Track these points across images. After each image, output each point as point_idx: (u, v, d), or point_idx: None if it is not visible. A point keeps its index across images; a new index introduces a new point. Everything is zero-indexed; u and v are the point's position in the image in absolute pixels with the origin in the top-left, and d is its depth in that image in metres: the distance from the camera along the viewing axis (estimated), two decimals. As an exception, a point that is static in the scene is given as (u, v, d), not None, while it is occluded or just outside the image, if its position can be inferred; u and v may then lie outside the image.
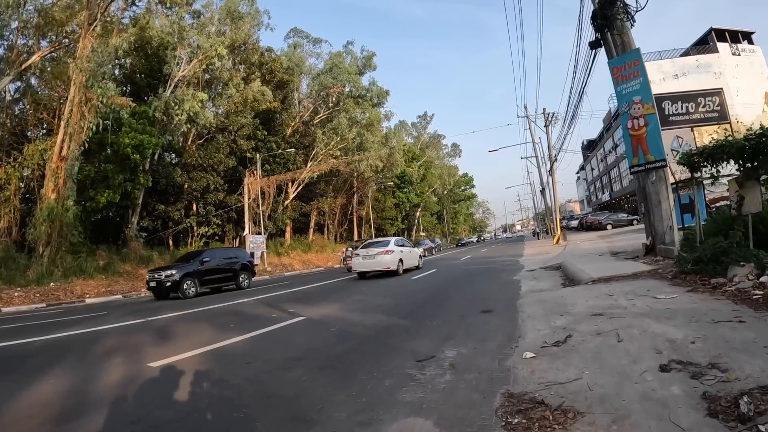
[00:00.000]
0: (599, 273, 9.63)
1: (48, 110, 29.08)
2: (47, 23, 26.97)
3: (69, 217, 23.68)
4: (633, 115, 11.74)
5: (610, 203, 69.62)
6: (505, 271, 15.20)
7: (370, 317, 8.47)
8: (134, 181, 28.66)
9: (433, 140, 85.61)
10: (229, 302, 13.71)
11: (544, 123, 36.91)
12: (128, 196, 29.19)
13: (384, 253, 18.75)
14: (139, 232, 31.62)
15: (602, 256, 14.40)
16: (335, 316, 9.02)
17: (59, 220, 23.20)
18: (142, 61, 35.08)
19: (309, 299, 12.89)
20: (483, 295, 9.70)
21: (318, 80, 47.77)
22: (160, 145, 31.75)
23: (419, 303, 9.63)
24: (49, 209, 22.77)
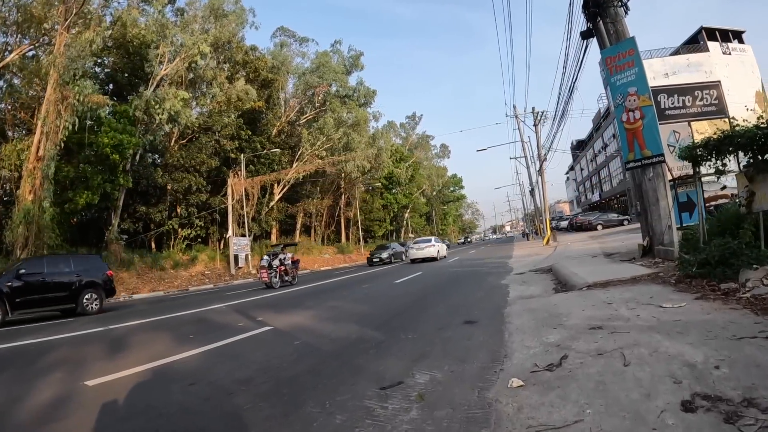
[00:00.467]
0: (594, 277, 8.80)
1: (27, 109, 28.23)
2: (26, 20, 26.15)
3: (46, 219, 22.85)
4: (628, 108, 10.96)
5: (600, 203, 69.36)
6: (493, 275, 14.33)
7: (341, 328, 7.66)
8: (114, 181, 27.98)
9: (421, 141, 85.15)
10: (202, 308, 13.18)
11: (534, 122, 36.31)
12: (108, 197, 28.43)
13: (429, 246, 30.11)
14: (119, 235, 30.83)
15: (595, 258, 13.57)
16: (304, 325, 8.26)
17: (36, 222, 22.39)
18: (124, 59, 34.31)
19: (282, 306, 12.12)
20: (467, 302, 8.83)
21: (303, 79, 46.92)
22: (141, 146, 31.43)
23: (397, 311, 8.78)
24: (25, 211, 22.03)
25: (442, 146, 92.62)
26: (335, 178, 52.11)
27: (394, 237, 76.55)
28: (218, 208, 37.52)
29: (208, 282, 31.61)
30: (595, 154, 70.75)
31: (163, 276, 30.94)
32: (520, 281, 11.48)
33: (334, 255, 51.34)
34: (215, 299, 15.98)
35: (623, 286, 7.62)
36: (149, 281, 29.04)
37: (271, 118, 43.58)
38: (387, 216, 68.63)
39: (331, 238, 57.95)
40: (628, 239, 19.40)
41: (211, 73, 36.34)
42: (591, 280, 8.39)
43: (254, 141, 40.90)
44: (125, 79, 34.49)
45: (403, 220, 77.40)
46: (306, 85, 47.23)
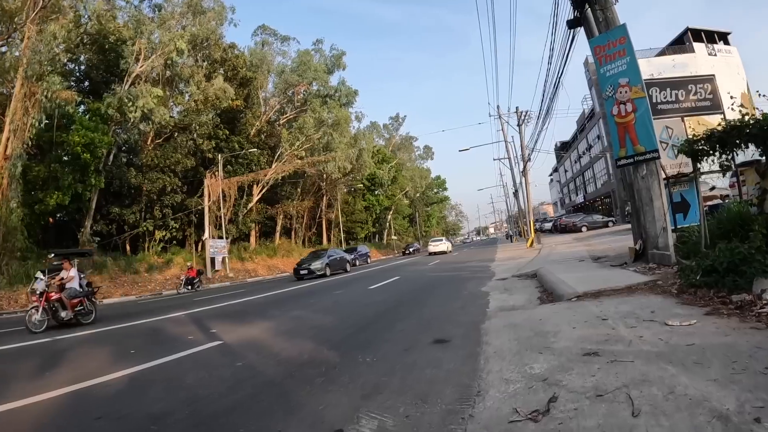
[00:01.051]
0: (585, 285, 7.84)
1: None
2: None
3: (14, 221, 22.32)
4: (619, 100, 10.06)
5: (584, 205, 69.01)
6: (474, 280, 13.36)
7: (296, 345, 6.72)
8: (85, 182, 26.98)
9: (405, 142, 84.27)
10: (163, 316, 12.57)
11: (517, 122, 35.53)
12: (79, 198, 27.43)
13: (441, 243, 43.05)
14: (92, 237, 29.83)
15: (583, 262, 12.66)
16: (257, 341, 7.36)
17: (4, 224, 21.89)
18: (99, 56, 33.18)
19: (243, 315, 11.23)
20: (442, 315, 7.87)
21: (283, 77, 45.88)
22: (115, 145, 30.67)
23: (363, 324, 7.79)
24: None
25: (426, 147, 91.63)
26: (316, 180, 51.13)
27: (376, 239, 75.89)
28: (194, 210, 36.36)
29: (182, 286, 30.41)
30: (580, 155, 70.35)
31: (136, 280, 29.88)
32: (502, 288, 10.53)
33: (315, 258, 50.21)
34: (182, 305, 15.32)
35: (618, 297, 6.68)
36: (122, 285, 28.05)
37: (249, 117, 42.42)
38: (369, 218, 67.78)
39: (312, 240, 56.96)
40: (615, 242, 18.62)
41: (189, 71, 35.35)
42: (581, 290, 7.44)
43: (232, 141, 39.86)
44: (100, 77, 33.39)
45: (385, 222, 76.56)
46: (286, 84, 46.25)
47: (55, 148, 26.02)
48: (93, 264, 27.65)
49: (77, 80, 34.26)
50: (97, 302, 14.28)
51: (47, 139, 25.51)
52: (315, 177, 49.90)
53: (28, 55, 23.27)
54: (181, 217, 36.30)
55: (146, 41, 31.12)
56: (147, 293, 27.12)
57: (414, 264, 28.27)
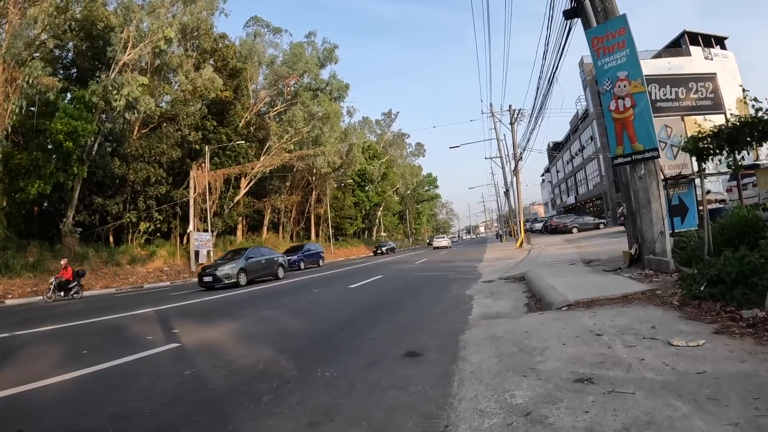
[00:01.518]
0: (576, 293, 7.19)
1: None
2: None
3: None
4: (617, 94, 9.45)
5: (576, 206, 68.70)
6: (459, 282, 12.71)
7: (254, 352, 6.10)
8: (67, 171, 26.12)
9: (397, 138, 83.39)
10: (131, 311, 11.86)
11: (510, 120, 34.89)
12: (61, 187, 26.63)
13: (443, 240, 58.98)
14: (74, 228, 29.00)
15: (574, 266, 12.03)
16: (216, 344, 6.80)
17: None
18: (87, 43, 32.33)
19: (209, 314, 10.59)
20: (419, 321, 7.22)
21: (273, 68, 45.04)
22: (100, 134, 29.96)
23: (333, 329, 7.15)
24: (-33, 200, 20.37)
25: (418, 144, 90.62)
26: (305, 174, 50.37)
27: (366, 235, 75.21)
28: (180, 202, 35.56)
29: (165, 279, 29.98)
30: (572, 156, 69.96)
31: (118, 272, 29.23)
32: (487, 292, 9.88)
33: (302, 253, 49.67)
34: (155, 300, 14.87)
35: (613, 308, 6.03)
36: (103, 277, 27.39)
37: (239, 109, 41.55)
38: (359, 214, 67.02)
39: (300, 235, 56.19)
40: (607, 244, 18.08)
41: (177, 60, 34.60)
42: (572, 298, 6.78)
43: (220, 132, 38.97)
44: (87, 64, 32.63)
45: (375, 219, 75.90)
46: (276, 75, 45.38)
47: (38, 135, 25.37)
48: (74, 255, 26.99)
49: (64, 67, 33.48)
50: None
51: (30, 126, 24.88)
52: (304, 171, 49.04)
53: (8, 39, 22.69)
54: (166, 209, 35.52)
55: (135, 29, 30.31)
56: (128, 285, 26.41)
57: (399, 262, 27.53)
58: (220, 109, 40.72)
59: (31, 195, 24.51)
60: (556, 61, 14.89)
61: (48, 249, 26.68)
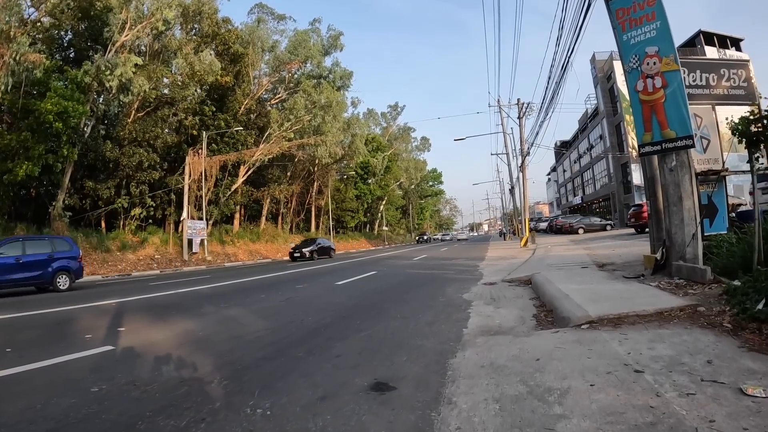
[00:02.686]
0: (598, 305, 5.81)
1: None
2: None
3: None
4: (645, 73, 8.12)
5: (581, 207, 67.44)
6: (456, 283, 11.34)
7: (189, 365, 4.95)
8: (57, 153, 25.14)
9: (402, 132, 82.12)
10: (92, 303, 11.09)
11: (518, 114, 33.56)
12: (50, 169, 25.58)
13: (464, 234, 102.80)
14: (64, 211, 27.93)
15: (587, 269, 10.66)
16: (153, 351, 5.69)
17: None
18: (84, 23, 31.55)
19: (172, 309, 9.44)
20: (402, 333, 5.85)
21: (274, 54, 43.75)
22: (93, 116, 29.25)
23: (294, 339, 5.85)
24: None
25: (423, 139, 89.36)
26: (306, 165, 49.22)
27: (367, 229, 74.17)
28: (174, 188, 34.56)
29: (155, 267, 29.24)
30: (580, 155, 68.65)
31: (107, 258, 28.44)
32: (488, 297, 8.50)
33: (301, 244, 48.69)
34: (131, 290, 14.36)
35: (648, 328, 4.71)
36: (91, 263, 26.50)
37: (239, 95, 40.49)
38: (360, 207, 65.80)
39: (300, 227, 55.14)
40: (619, 246, 16.84)
41: (176, 43, 33.91)
42: (594, 312, 5.41)
43: (219, 118, 37.93)
44: (85, 45, 31.64)
45: (377, 212, 74.63)
46: (278, 61, 44.15)
47: (27, 115, 24.43)
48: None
49: (61, 48, 32.63)
50: None
51: (21, 106, 24.02)
52: (305, 162, 48.12)
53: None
54: (161, 195, 34.61)
55: (134, 10, 29.42)
56: (115, 273, 25.65)
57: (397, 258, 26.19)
58: (220, 95, 39.96)
59: (19, 176, 23.52)
60: (572, 44, 13.54)
61: (36, 233, 25.74)
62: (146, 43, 33.15)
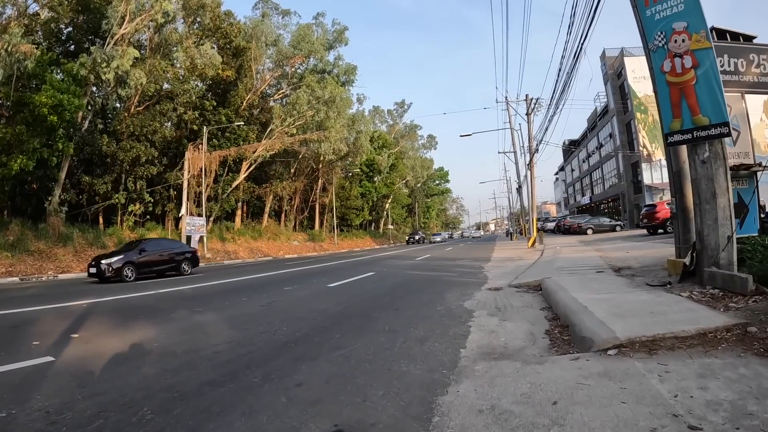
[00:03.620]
0: (625, 322, 4.71)
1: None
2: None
3: None
4: (673, 52, 7.12)
5: (590, 207, 66.33)
6: (458, 287, 10.29)
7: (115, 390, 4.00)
8: (52, 147, 24.68)
9: (408, 130, 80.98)
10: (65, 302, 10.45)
11: (526, 110, 32.47)
12: (45, 163, 24.98)
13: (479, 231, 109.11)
14: (60, 207, 27.33)
15: (602, 274, 9.59)
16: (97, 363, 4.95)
17: None
18: (83, 16, 30.83)
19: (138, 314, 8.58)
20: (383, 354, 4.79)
21: (277, 48, 42.83)
22: (91, 110, 28.84)
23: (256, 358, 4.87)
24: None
25: (429, 137, 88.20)
26: (310, 162, 48.43)
27: (372, 227, 73.34)
28: (173, 184, 33.98)
29: None
30: (589, 154, 67.46)
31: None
32: (492, 306, 7.45)
33: (304, 242, 48.26)
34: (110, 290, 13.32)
35: (692, 356, 3.69)
36: (86, 260, 25.66)
37: (241, 90, 39.67)
38: (365, 205, 64.88)
39: (304, 225, 54.38)
40: (632, 248, 15.86)
41: (177, 36, 33.10)
42: (622, 332, 4.35)
43: (220, 113, 37.38)
44: (84, 39, 31.14)
45: (383, 211, 73.61)
46: (281, 56, 43.20)
47: (21, 108, 23.91)
48: (58, 236, 26.00)
49: (59, 41, 31.84)
50: None
51: (16, 99, 23.67)
52: (309, 159, 47.24)
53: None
54: (160, 191, 34.10)
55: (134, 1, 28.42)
56: None
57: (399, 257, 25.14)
58: (223, 89, 39.42)
59: (13, 170, 23.00)
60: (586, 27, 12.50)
61: (31, 228, 25.44)
62: (147, 36, 32.87)
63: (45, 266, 22.86)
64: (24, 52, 22.89)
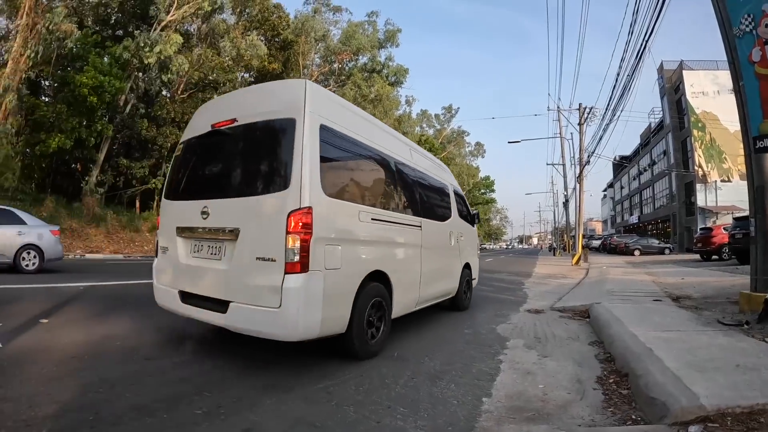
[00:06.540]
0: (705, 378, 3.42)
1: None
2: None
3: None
4: (764, 38, 5.86)
5: (638, 227, 64.18)
6: (493, 304, 9.17)
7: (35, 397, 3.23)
8: (91, 127, 25.06)
9: (456, 135, 79.68)
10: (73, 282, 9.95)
11: (579, 120, 31.02)
12: (83, 144, 25.39)
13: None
14: (96, 188, 27.47)
15: (660, 304, 8.16)
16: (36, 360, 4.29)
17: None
18: (131, 2, 31.01)
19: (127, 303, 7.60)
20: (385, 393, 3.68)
21: (325, 43, 42.13)
22: (134, 94, 29.06)
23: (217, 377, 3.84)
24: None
25: (477, 144, 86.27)
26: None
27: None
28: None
29: None
30: (640, 171, 65.10)
31: (134, 238, 27.88)
32: (531, 334, 6.19)
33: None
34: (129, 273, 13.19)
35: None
36: (117, 241, 26.13)
37: (287, 83, 39.15)
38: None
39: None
40: (688, 275, 14.45)
41: (225, 26, 33.36)
42: (706, 398, 3.03)
43: (264, 106, 36.52)
44: (132, 24, 30.92)
45: (427, 216, 72.54)
46: (329, 52, 42.50)
47: (63, 88, 24.63)
48: (92, 215, 26.25)
49: (107, 25, 31.99)
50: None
51: (58, 78, 24.76)
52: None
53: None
54: (202, 179, 33.51)
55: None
56: (139, 254, 24.53)
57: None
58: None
59: (51, 148, 23.51)
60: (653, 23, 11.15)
61: (65, 206, 25.77)
62: (195, 27, 33.43)
63: (74, 245, 22.70)
64: (65, 31, 23.20)
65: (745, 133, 6.50)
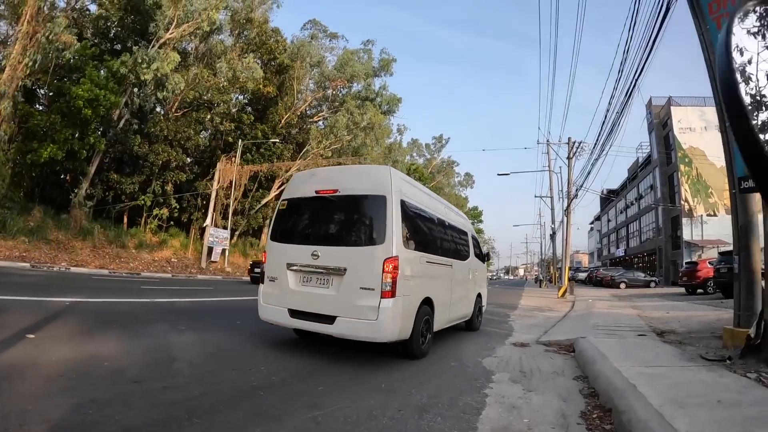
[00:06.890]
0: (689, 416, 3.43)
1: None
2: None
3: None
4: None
5: (624, 260, 64.56)
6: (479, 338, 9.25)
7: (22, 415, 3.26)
8: (83, 140, 25.33)
9: (445, 166, 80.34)
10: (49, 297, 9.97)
11: (567, 154, 31.38)
12: (75, 155, 25.50)
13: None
14: (85, 201, 27.64)
15: (645, 339, 8.20)
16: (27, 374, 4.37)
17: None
18: (131, 17, 31.63)
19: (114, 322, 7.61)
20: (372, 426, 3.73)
21: (320, 69, 42.48)
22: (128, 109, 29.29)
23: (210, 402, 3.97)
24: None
25: (467, 175, 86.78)
26: (344, 187, 47.68)
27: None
28: (201, 193, 34.29)
29: (169, 270, 28.04)
30: (627, 205, 65.70)
31: (121, 254, 27.89)
32: (516, 368, 6.25)
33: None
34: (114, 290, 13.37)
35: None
36: (103, 256, 26.17)
37: (281, 107, 39.61)
38: (399, 237, 64.07)
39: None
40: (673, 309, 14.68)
41: (222, 47, 34.03)
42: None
43: (257, 128, 37.52)
44: (131, 39, 31.36)
45: (414, 245, 72.71)
46: (324, 78, 42.90)
47: (58, 98, 24.96)
48: (80, 229, 26.31)
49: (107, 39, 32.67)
50: None
51: (54, 88, 25.12)
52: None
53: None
54: (188, 198, 34.31)
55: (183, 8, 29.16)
56: (125, 270, 24.43)
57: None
58: (263, 105, 39.72)
59: (42, 158, 23.69)
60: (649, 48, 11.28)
61: (52, 217, 25.94)
62: (193, 45, 33.89)
63: (60, 257, 22.78)
64: (64, 42, 23.65)
65: (731, 173, 6.67)
